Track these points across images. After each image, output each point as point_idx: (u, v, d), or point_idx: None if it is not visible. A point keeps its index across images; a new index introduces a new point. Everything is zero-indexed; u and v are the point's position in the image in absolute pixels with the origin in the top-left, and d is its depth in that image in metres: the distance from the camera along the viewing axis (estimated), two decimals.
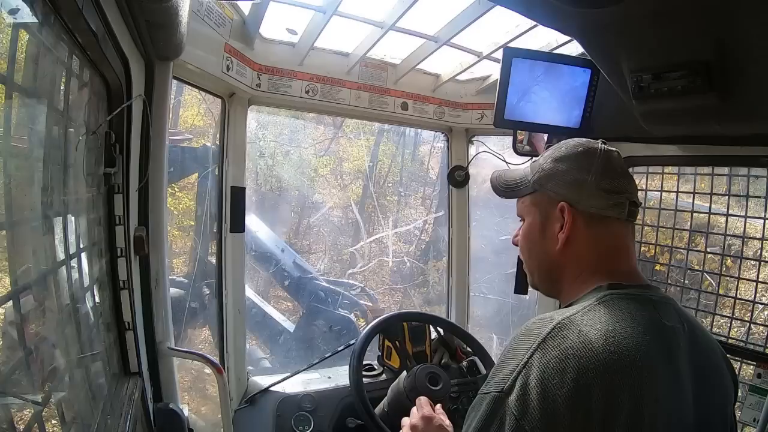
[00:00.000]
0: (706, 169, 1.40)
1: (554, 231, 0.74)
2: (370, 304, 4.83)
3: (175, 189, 4.96)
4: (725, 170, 1.42)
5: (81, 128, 0.89)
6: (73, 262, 0.83)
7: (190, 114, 6.15)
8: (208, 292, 2.79)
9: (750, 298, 1.38)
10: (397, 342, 1.54)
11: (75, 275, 0.85)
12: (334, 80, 1.71)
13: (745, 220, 1.39)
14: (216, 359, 1.37)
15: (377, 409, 1.39)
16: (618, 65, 1.01)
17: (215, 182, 1.71)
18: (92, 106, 0.94)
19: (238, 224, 1.64)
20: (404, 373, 1.43)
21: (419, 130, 5.80)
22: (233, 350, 1.65)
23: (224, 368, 1.57)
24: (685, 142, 1.30)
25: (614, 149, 0.74)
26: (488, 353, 1.61)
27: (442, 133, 2.08)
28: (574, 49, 1.48)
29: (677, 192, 1.53)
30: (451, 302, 2.13)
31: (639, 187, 0.77)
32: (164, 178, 1.24)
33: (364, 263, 6.60)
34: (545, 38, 1.54)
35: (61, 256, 0.78)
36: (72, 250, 0.82)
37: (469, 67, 1.76)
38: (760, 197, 1.33)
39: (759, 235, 1.35)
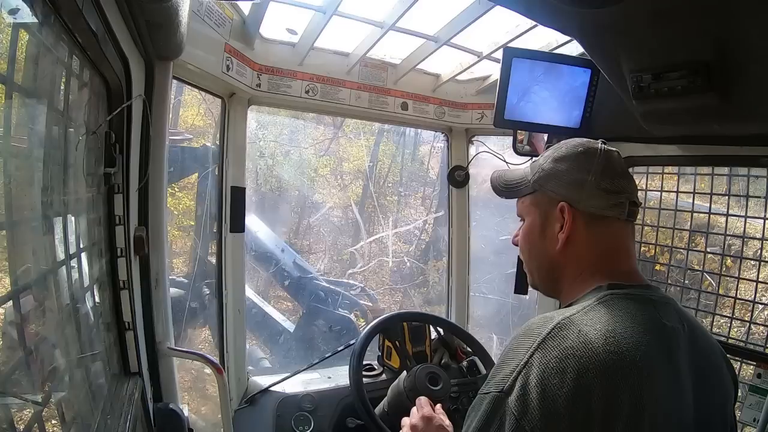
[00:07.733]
0: (706, 169, 1.40)
1: (554, 231, 0.74)
2: (370, 304, 4.82)
3: (175, 189, 4.95)
4: (725, 170, 1.42)
5: (81, 128, 0.89)
6: (73, 262, 0.83)
7: (190, 114, 6.15)
8: (208, 292, 2.78)
9: (750, 298, 1.38)
10: (397, 342, 1.54)
11: (75, 275, 0.85)
12: (334, 80, 1.71)
13: (745, 220, 1.39)
14: (216, 359, 1.37)
15: (377, 409, 1.39)
16: (618, 65, 1.01)
17: (215, 182, 1.71)
18: (92, 106, 0.94)
19: (238, 224, 1.64)
20: (404, 373, 1.43)
21: (419, 130, 5.80)
22: (233, 350, 1.65)
23: (224, 368, 1.57)
24: (685, 142, 1.30)
25: (614, 149, 0.74)
26: (488, 353, 1.61)
27: (442, 133, 2.08)
28: (574, 49, 1.48)
29: (677, 192, 1.53)
30: (451, 302, 2.13)
31: (639, 187, 0.77)
32: (164, 178, 1.24)
33: (364, 263, 6.60)
34: (545, 38, 1.54)
35: (61, 256, 0.78)
36: (72, 250, 0.82)
37: (469, 67, 1.75)
38: (760, 197, 1.33)
39: (759, 235, 1.35)
